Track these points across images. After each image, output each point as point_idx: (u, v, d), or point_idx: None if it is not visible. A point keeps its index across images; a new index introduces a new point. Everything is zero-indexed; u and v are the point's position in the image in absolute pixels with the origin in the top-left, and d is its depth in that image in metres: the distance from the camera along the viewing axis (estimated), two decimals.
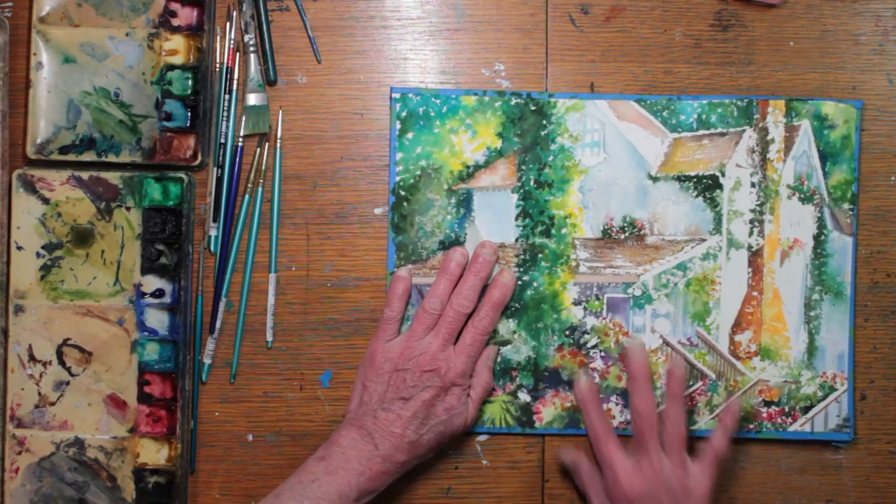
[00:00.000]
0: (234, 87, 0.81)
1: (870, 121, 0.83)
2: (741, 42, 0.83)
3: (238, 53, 0.82)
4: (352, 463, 0.74)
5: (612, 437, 0.79)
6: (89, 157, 0.80)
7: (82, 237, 0.80)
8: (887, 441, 0.84)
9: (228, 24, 0.82)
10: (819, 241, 0.83)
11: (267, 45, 0.82)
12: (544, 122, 0.82)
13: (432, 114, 0.82)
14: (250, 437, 0.82)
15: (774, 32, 0.83)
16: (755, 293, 0.82)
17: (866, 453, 0.83)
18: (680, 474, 0.76)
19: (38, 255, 0.80)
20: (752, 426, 0.82)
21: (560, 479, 0.83)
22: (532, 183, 0.82)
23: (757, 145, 0.83)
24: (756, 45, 0.83)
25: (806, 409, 0.82)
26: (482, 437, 0.83)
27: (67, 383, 0.80)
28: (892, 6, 0.84)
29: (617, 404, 0.82)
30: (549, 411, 0.82)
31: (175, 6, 0.81)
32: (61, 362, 0.80)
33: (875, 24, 0.84)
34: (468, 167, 0.82)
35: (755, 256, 0.83)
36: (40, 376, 0.80)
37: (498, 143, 0.82)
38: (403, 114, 0.82)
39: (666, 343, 0.82)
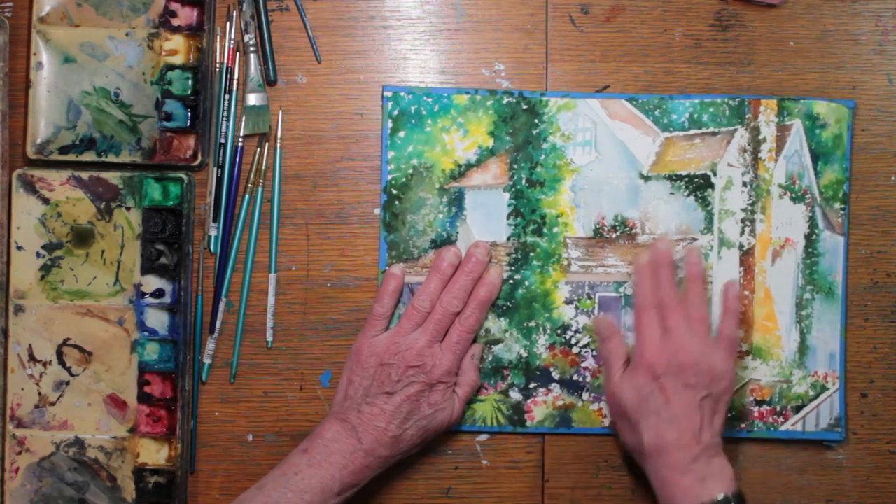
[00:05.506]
0: (234, 87, 0.81)
1: (870, 120, 0.83)
2: (741, 42, 0.83)
3: (238, 53, 0.82)
4: (335, 456, 0.74)
5: (653, 310, 0.78)
6: (89, 157, 0.80)
7: (82, 237, 0.80)
8: (887, 441, 0.84)
9: (228, 24, 0.82)
10: (811, 240, 0.83)
11: (267, 45, 0.81)
12: (536, 120, 0.82)
13: (424, 112, 0.82)
14: (250, 437, 0.82)
15: (774, 32, 0.83)
16: (746, 292, 0.82)
17: (866, 453, 0.83)
18: (708, 352, 0.76)
19: (38, 255, 0.80)
20: (743, 425, 0.82)
21: (560, 479, 0.83)
22: (524, 182, 0.82)
23: (749, 144, 0.83)
24: (756, 45, 0.83)
25: (798, 409, 0.82)
26: (482, 437, 0.83)
27: (67, 383, 0.80)
28: (892, 6, 0.84)
29: None
30: (540, 410, 0.82)
31: (175, 6, 0.81)
32: (61, 362, 0.80)
33: (875, 24, 0.84)
34: (460, 166, 0.82)
35: (746, 256, 0.83)
36: (40, 376, 0.80)
37: (490, 142, 0.82)
38: (395, 112, 0.82)
39: None
